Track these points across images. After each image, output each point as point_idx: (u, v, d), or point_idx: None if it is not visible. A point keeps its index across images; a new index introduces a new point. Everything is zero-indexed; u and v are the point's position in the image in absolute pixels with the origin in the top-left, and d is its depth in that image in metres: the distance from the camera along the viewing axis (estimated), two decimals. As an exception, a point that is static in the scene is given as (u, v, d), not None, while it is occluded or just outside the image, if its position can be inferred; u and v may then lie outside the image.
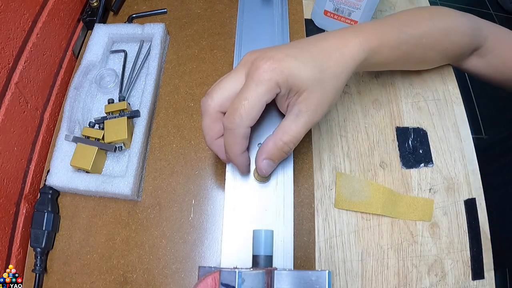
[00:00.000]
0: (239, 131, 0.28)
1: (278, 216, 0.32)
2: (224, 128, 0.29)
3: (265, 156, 0.30)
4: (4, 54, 0.37)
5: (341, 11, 0.48)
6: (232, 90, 0.29)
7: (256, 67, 0.28)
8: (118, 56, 0.50)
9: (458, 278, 0.38)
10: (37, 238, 0.38)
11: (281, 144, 0.29)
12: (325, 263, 0.38)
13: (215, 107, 0.29)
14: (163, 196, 0.41)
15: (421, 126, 0.45)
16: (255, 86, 0.27)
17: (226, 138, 0.29)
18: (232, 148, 0.29)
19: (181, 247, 0.39)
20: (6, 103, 0.37)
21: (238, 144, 0.29)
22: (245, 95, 0.27)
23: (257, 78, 0.27)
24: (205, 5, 0.54)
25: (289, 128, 0.29)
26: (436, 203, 0.41)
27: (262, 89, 0.27)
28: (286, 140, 0.29)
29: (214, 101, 0.29)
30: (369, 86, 0.47)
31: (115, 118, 0.42)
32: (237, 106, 0.27)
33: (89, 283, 0.37)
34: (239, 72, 0.29)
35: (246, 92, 0.27)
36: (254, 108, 0.27)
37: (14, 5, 0.38)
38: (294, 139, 0.29)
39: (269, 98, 0.28)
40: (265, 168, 0.30)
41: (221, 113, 0.30)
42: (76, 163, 0.39)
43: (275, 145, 0.29)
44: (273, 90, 0.28)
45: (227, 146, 0.29)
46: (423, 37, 0.37)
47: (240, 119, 0.27)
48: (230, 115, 0.28)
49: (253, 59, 0.29)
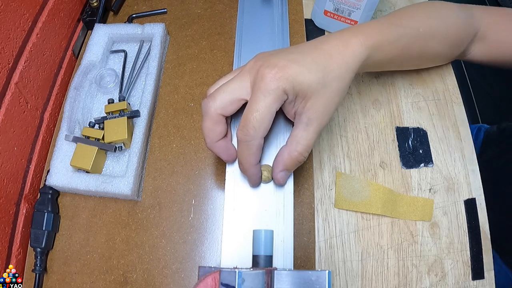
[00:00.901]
0: (254, 143, 0.29)
1: (278, 216, 0.32)
2: (238, 140, 0.29)
3: (281, 168, 0.31)
4: (4, 54, 0.37)
5: (341, 11, 0.48)
6: (236, 94, 0.29)
7: (261, 76, 0.28)
8: (118, 56, 0.50)
9: (458, 278, 0.38)
10: (37, 238, 0.38)
11: (296, 155, 0.30)
12: (325, 263, 0.38)
13: (216, 110, 0.29)
14: (163, 196, 0.41)
15: (421, 126, 0.45)
16: (264, 97, 0.28)
17: (240, 150, 0.30)
18: (247, 160, 0.30)
19: (181, 247, 0.39)
20: (6, 103, 0.37)
21: (253, 155, 0.29)
22: (255, 107, 0.28)
23: (264, 88, 0.28)
24: (205, 5, 0.54)
25: (301, 138, 0.30)
26: (436, 203, 0.41)
27: (271, 99, 0.28)
28: (301, 150, 0.30)
29: (216, 104, 0.29)
30: (369, 86, 0.47)
31: (115, 118, 0.42)
32: (250, 118, 0.28)
33: (89, 283, 0.37)
34: (244, 77, 0.30)
35: (256, 103, 0.28)
36: (266, 118, 0.28)
37: (14, 5, 0.38)
38: (308, 148, 0.30)
39: (278, 106, 0.29)
40: (282, 178, 0.31)
41: (222, 116, 0.30)
42: (76, 163, 0.39)
43: (290, 156, 0.30)
44: (281, 98, 0.28)
45: (241, 157, 0.30)
46: (420, 26, 0.37)
47: (254, 131, 0.28)
48: (243, 128, 0.28)
49: (258, 67, 0.29)
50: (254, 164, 0.30)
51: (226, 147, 0.32)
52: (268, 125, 0.28)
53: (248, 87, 0.29)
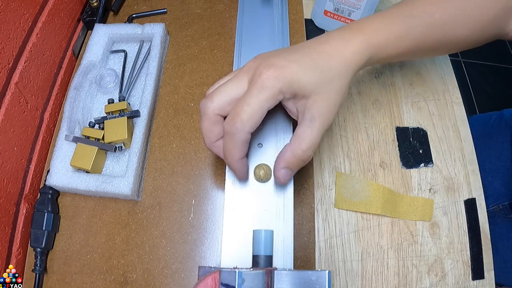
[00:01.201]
0: (240, 136, 0.28)
1: (278, 216, 0.32)
2: (224, 132, 0.29)
3: (283, 166, 0.30)
4: (4, 54, 0.37)
5: (341, 11, 0.48)
6: (233, 94, 0.29)
7: (259, 74, 0.28)
8: (118, 56, 0.50)
9: (458, 278, 0.38)
10: (37, 238, 0.38)
11: (299, 153, 0.29)
12: (325, 263, 0.38)
13: (214, 110, 0.29)
14: (163, 196, 0.41)
15: (421, 126, 0.45)
16: (258, 93, 0.27)
17: (225, 143, 0.29)
18: (231, 153, 0.29)
19: (181, 247, 0.39)
20: (6, 103, 0.37)
21: (237, 149, 0.29)
22: (247, 101, 0.27)
23: (260, 84, 0.27)
24: (205, 5, 0.54)
25: (305, 135, 0.29)
26: (436, 203, 0.41)
27: (264, 96, 0.27)
28: (305, 148, 0.29)
29: (214, 104, 0.29)
30: (369, 86, 0.47)
31: (115, 118, 0.42)
32: (239, 111, 0.28)
33: (89, 283, 0.37)
34: (242, 78, 0.29)
35: (249, 98, 0.28)
36: (256, 114, 0.28)
37: (14, 5, 0.38)
38: (312, 146, 0.29)
39: (271, 105, 0.28)
40: (283, 177, 0.30)
41: (220, 116, 0.30)
42: (76, 163, 0.39)
43: (293, 154, 0.29)
44: (275, 97, 0.28)
45: (226, 151, 0.29)
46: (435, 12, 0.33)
47: (241, 124, 0.28)
48: (231, 120, 0.28)
49: (256, 66, 0.29)
50: (238, 159, 0.30)
51: None
52: (257, 121, 0.28)
53: (245, 87, 0.29)
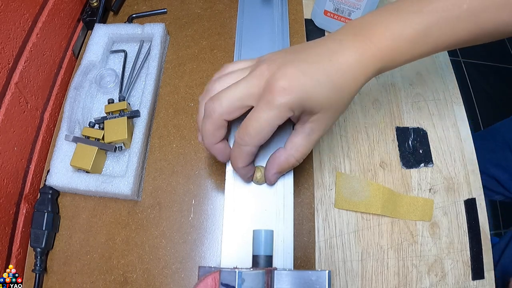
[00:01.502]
0: (246, 149, 0.29)
1: (278, 216, 0.32)
2: (234, 141, 0.29)
3: (276, 171, 0.31)
4: (4, 54, 0.37)
5: (341, 11, 0.48)
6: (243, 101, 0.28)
7: (270, 89, 0.27)
8: (118, 56, 0.50)
9: (458, 278, 0.38)
10: (37, 238, 0.38)
11: (293, 161, 0.30)
12: (325, 263, 0.38)
13: (222, 115, 0.28)
14: (163, 196, 0.41)
15: (421, 126, 0.45)
16: (268, 110, 0.27)
17: (234, 151, 0.30)
18: (236, 161, 0.30)
19: (181, 247, 0.39)
20: (6, 103, 0.37)
21: (244, 159, 0.30)
22: (257, 116, 0.27)
23: (270, 101, 0.27)
24: (205, 5, 0.54)
25: (300, 145, 0.30)
26: (436, 203, 0.41)
27: (274, 114, 0.27)
28: (298, 157, 0.30)
29: (222, 108, 0.28)
30: (369, 86, 0.47)
31: (115, 118, 0.42)
32: (248, 125, 0.28)
33: (89, 283, 0.37)
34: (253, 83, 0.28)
35: (258, 113, 0.27)
36: (264, 131, 0.28)
37: (14, 5, 0.38)
38: (304, 155, 0.31)
39: (281, 122, 0.28)
40: (274, 180, 0.32)
41: (225, 121, 0.29)
42: (76, 163, 0.39)
43: (287, 161, 0.30)
44: (285, 114, 0.27)
45: (233, 158, 0.30)
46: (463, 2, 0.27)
47: (249, 138, 0.28)
48: (240, 132, 0.28)
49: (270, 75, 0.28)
50: (243, 166, 0.30)
51: (223, 150, 0.31)
52: (266, 137, 0.28)
53: (257, 94, 0.28)
